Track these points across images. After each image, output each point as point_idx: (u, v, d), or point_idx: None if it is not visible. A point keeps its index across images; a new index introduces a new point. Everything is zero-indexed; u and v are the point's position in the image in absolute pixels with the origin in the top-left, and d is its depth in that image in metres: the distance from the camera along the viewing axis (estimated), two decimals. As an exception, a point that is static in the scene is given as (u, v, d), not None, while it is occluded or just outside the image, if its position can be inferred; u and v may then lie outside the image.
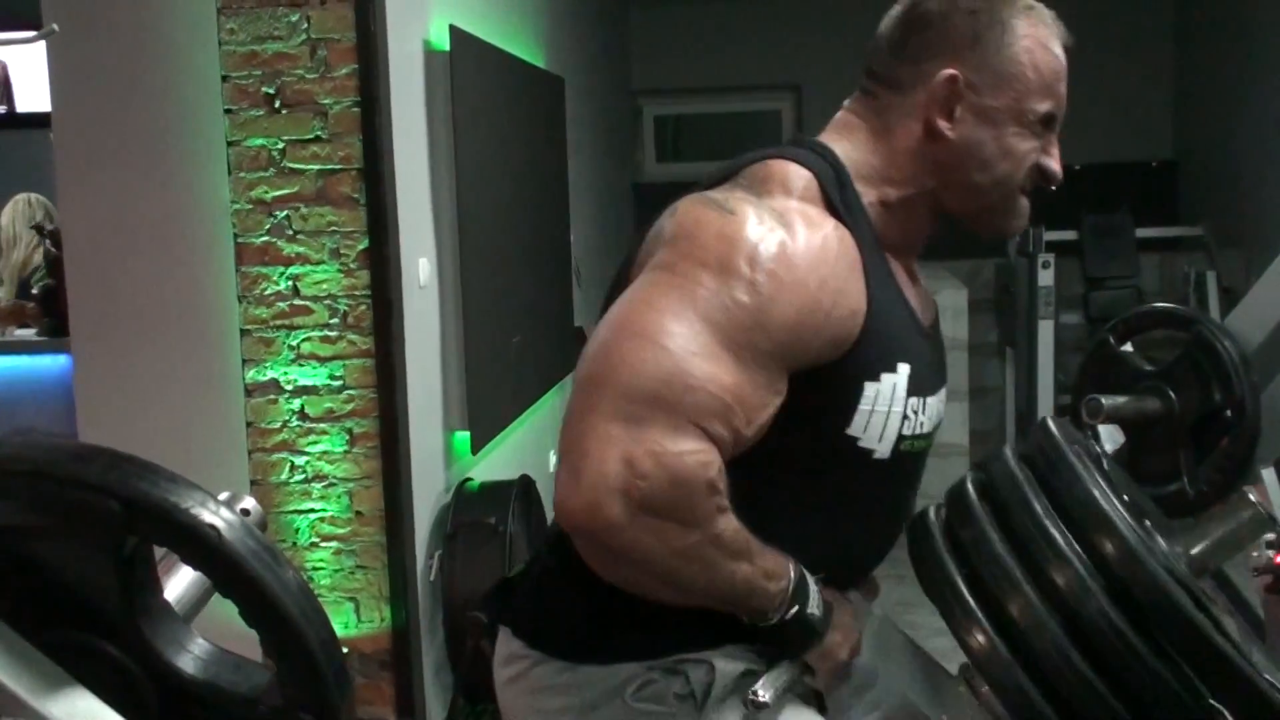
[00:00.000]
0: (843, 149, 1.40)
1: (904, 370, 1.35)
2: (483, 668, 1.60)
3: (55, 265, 4.02)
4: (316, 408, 3.26)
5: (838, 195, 1.33)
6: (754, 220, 1.25)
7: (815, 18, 6.61)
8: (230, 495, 0.97)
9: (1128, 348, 1.90)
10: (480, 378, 3.69)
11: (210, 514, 0.86)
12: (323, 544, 3.28)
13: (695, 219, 1.27)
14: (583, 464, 1.16)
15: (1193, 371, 1.73)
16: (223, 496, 0.91)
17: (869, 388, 1.32)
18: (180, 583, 0.98)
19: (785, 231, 1.25)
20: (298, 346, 3.24)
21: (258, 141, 3.20)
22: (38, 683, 0.88)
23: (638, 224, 7.40)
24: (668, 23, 6.95)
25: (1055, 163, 1.41)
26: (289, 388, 3.25)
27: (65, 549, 0.89)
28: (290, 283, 3.23)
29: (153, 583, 0.93)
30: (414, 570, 3.31)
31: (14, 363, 4.15)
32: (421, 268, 3.43)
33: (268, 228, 3.22)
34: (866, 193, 1.38)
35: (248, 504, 1.02)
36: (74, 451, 0.88)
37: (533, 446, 4.42)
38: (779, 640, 1.33)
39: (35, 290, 4.23)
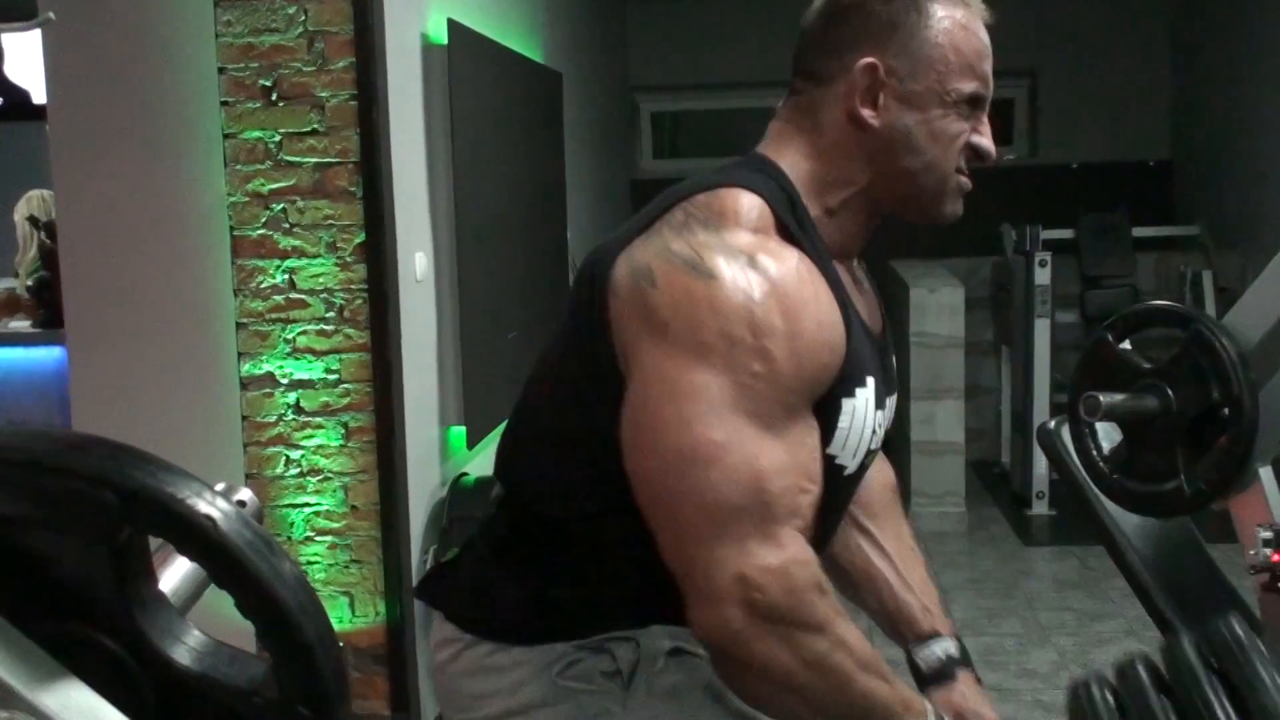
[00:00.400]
0: (785, 161, 1.39)
1: (871, 384, 1.37)
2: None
3: (50, 257, 4.01)
4: (312, 401, 3.25)
5: (790, 216, 1.33)
6: (737, 278, 1.24)
7: (813, 14, 6.60)
8: (226, 486, 0.96)
9: (1125, 345, 1.88)
10: (476, 372, 3.68)
11: (206, 505, 0.85)
12: (318, 538, 3.28)
13: (683, 293, 1.24)
14: (703, 587, 1.22)
15: (1191, 369, 1.72)
16: (219, 487, 0.90)
17: (846, 405, 1.33)
18: (175, 574, 0.97)
19: (765, 279, 1.24)
20: (293, 340, 3.23)
21: (254, 134, 3.19)
22: (31, 674, 0.87)
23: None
24: (665, 19, 6.94)
25: (986, 140, 1.39)
26: (284, 381, 3.24)
27: (59, 540, 0.89)
28: (286, 276, 3.22)
29: (148, 574, 0.92)
30: (409, 565, 3.31)
31: (8, 355, 4.14)
32: (418, 262, 3.43)
33: (264, 221, 3.21)
34: (811, 205, 1.38)
35: (244, 495, 1.01)
36: (68, 441, 0.87)
37: (528, 442, 4.41)
38: None
39: (30, 282, 4.22)
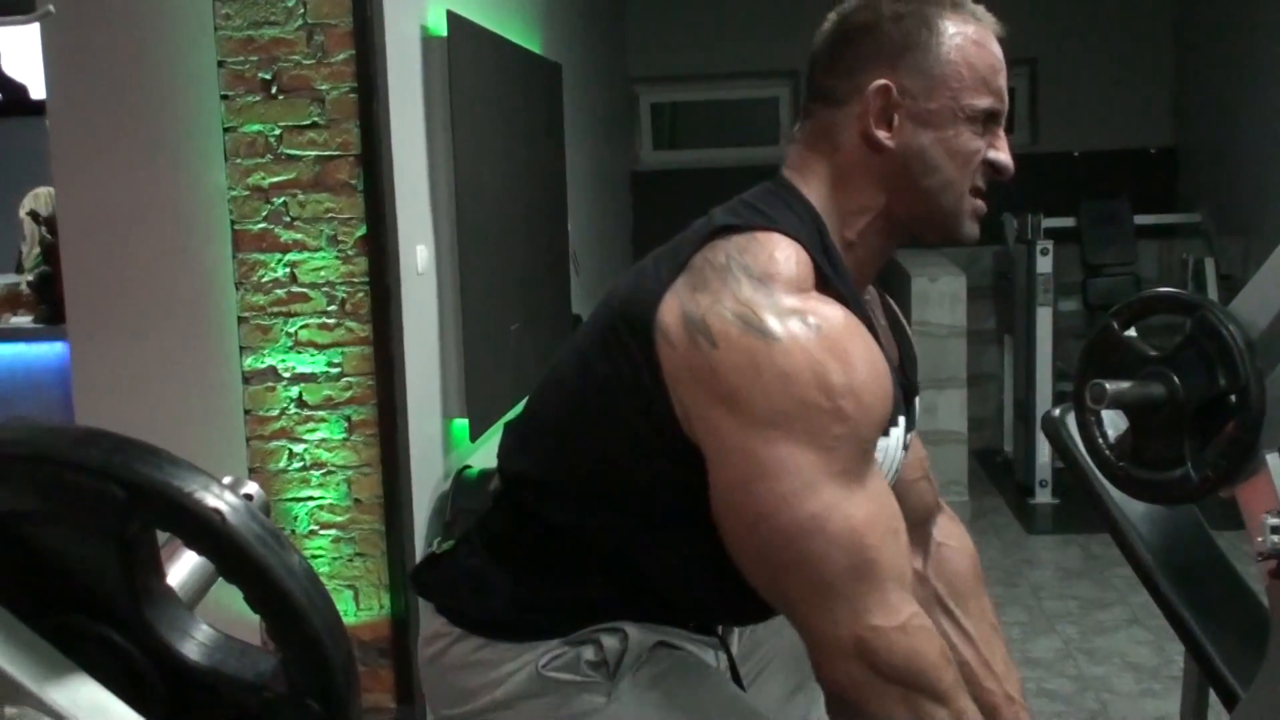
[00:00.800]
0: (810, 191, 1.39)
1: (901, 422, 1.40)
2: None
3: (51, 252, 4.00)
4: (315, 395, 3.24)
5: (824, 259, 1.33)
6: (795, 337, 1.23)
7: (813, 4, 6.50)
8: (233, 480, 0.96)
9: (1131, 333, 1.87)
10: (478, 365, 3.68)
11: (214, 498, 0.85)
12: (321, 532, 3.28)
13: (746, 356, 1.23)
14: (826, 646, 1.25)
15: (1197, 357, 1.71)
16: (226, 481, 0.90)
17: (881, 443, 1.34)
18: (183, 568, 0.97)
19: (821, 337, 1.24)
20: (295, 333, 3.23)
21: (254, 127, 3.18)
22: (39, 670, 0.87)
23: (635, 211, 7.37)
24: (665, 9, 6.92)
25: (1004, 155, 1.39)
26: (287, 375, 3.24)
27: (66, 534, 0.88)
28: (288, 269, 3.22)
29: (155, 568, 0.91)
30: (413, 558, 3.30)
31: (10, 350, 4.14)
32: (419, 254, 3.42)
33: (265, 214, 3.20)
34: (837, 237, 1.38)
35: (250, 488, 1.01)
36: (75, 435, 0.87)
37: (531, 434, 4.40)
38: None
39: (31, 277, 4.21)
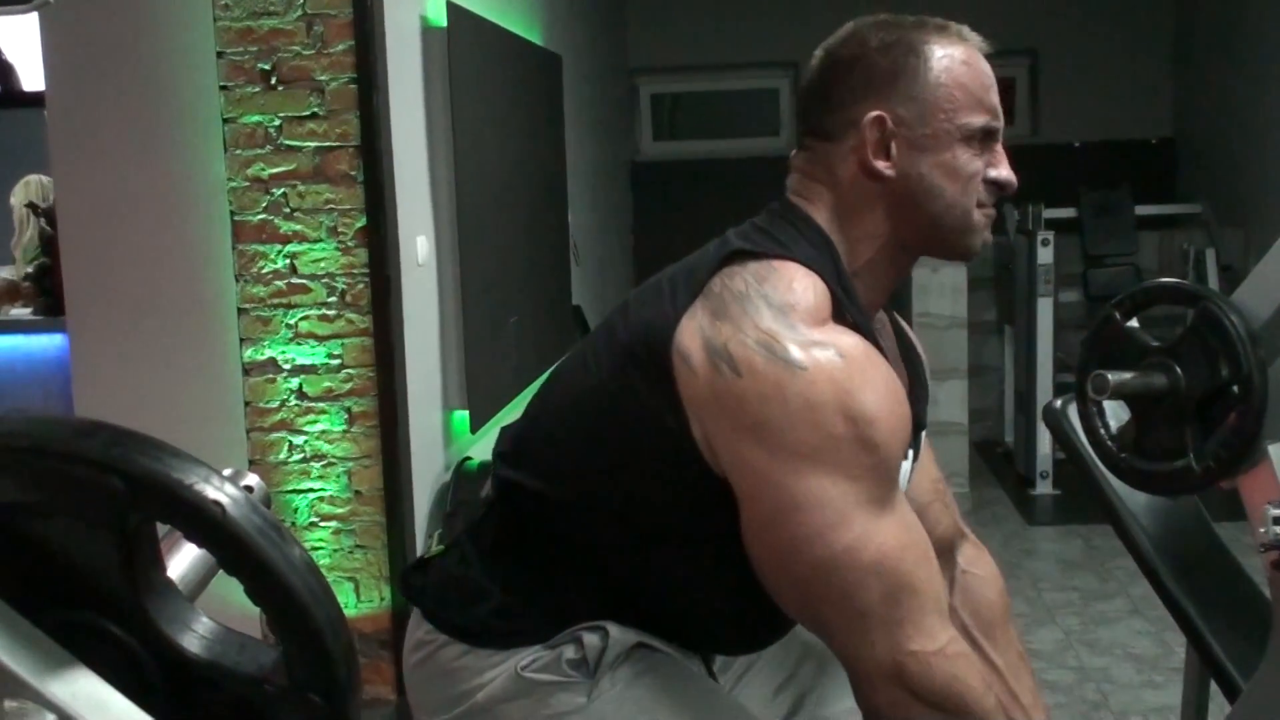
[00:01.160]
0: (821, 218, 1.39)
1: (910, 454, 1.40)
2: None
3: (50, 244, 3.99)
4: (315, 387, 3.24)
5: (839, 288, 1.33)
6: (820, 367, 1.24)
7: (813, -5, 6.57)
8: (234, 472, 0.95)
9: (1133, 323, 1.87)
10: (479, 356, 3.67)
11: (215, 490, 0.85)
12: (322, 523, 3.27)
13: (773, 386, 1.23)
14: (868, 674, 1.27)
15: (1199, 347, 1.70)
16: (226, 473, 0.90)
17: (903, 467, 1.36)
18: (183, 560, 0.97)
19: (844, 367, 1.25)
20: (295, 325, 3.22)
21: (254, 118, 3.17)
22: (39, 663, 0.86)
23: (635, 202, 7.35)
24: (664, 0, 6.91)
25: (1005, 170, 1.39)
26: (287, 367, 3.23)
27: (67, 526, 0.88)
28: (287, 261, 3.21)
29: (156, 560, 0.91)
30: (413, 550, 3.30)
31: (10, 342, 4.13)
32: (419, 246, 3.41)
33: (264, 205, 3.19)
34: (847, 265, 1.38)
35: (251, 480, 1.01)
36: (75, 427, 0.87)
37: (531, 426, 4.40)
38: None
39: (30, 269, 4.21)
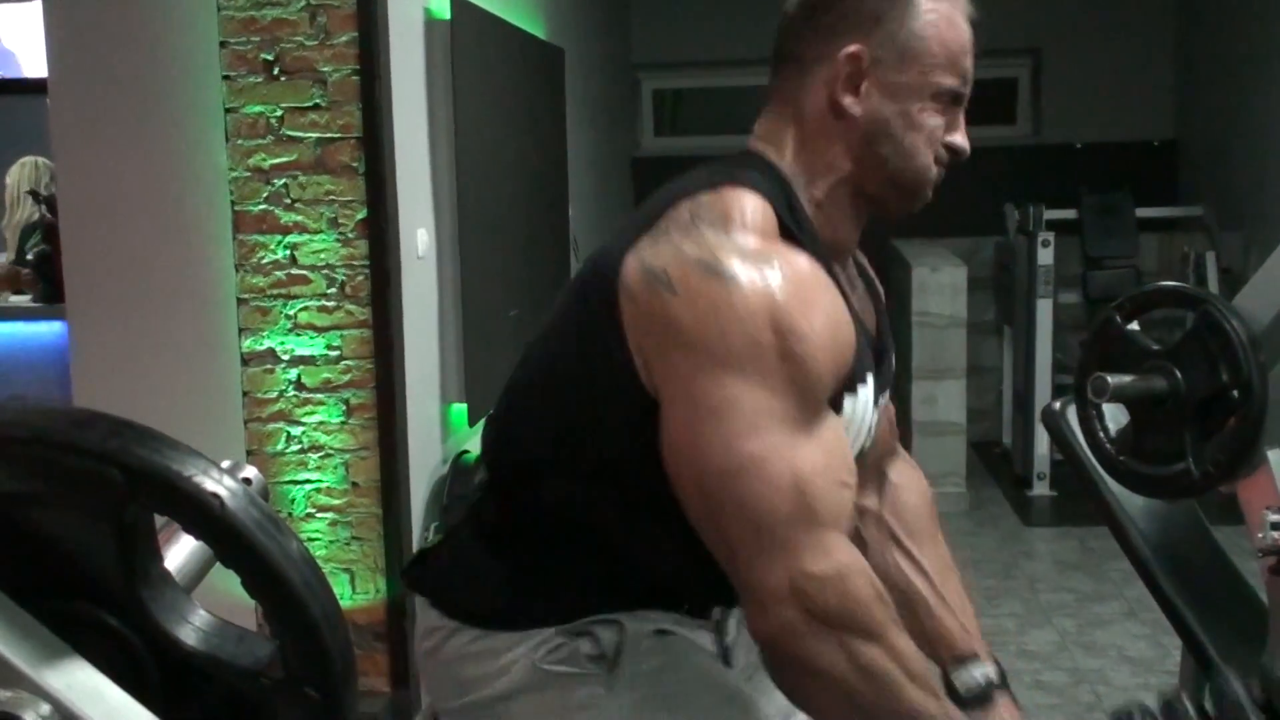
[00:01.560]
0: (777, 154, 1.39)
1: (870, 380, 1.38)
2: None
3: (51, 231, 3.99)
4: (313, 378, 3.24)
5: (790, 218, 1.32)
6: (754, 281, 1.22)
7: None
8: (232, 464, 0.95)
9: (1133, 326, 1.87)
10: (478, 349, 3.67)
11: (213, 482, 0.85)
12: (319, 515, 3.27)
13: (705, 299, 1.22)
14: (759, 594, 1.22)
15: (1200, 351, 1.71)
16: (225, 465, 0.90)
17: (848, 402, 1.33)
18: (181, 552, 0.97)
19: (780, 281, 1.23)
20: (295, 316, 3.22)
21: (256, 108, 3.17)
22: (36, 653, 0.86)
23: (636, 197, 7.37)
24: (668, -5, 6.91)
25: (961, 138, 1.39)
26: (286, 357, 3.23)
27: (64, 517, 0.88)
28: (288, 252, 3.21)
29: (153, 552, 0.91)
30: (410, 542, 3.30)
31: (9, 329, 4.13)
32: (420, 238, 3.41)
33: (265, 196, 3.19)
34: (805, 200, 1.37)
35: (249, 473, 1.01)
36: (73, 417, 0.86)
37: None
38: None
39: (31, 256, 4.20)
